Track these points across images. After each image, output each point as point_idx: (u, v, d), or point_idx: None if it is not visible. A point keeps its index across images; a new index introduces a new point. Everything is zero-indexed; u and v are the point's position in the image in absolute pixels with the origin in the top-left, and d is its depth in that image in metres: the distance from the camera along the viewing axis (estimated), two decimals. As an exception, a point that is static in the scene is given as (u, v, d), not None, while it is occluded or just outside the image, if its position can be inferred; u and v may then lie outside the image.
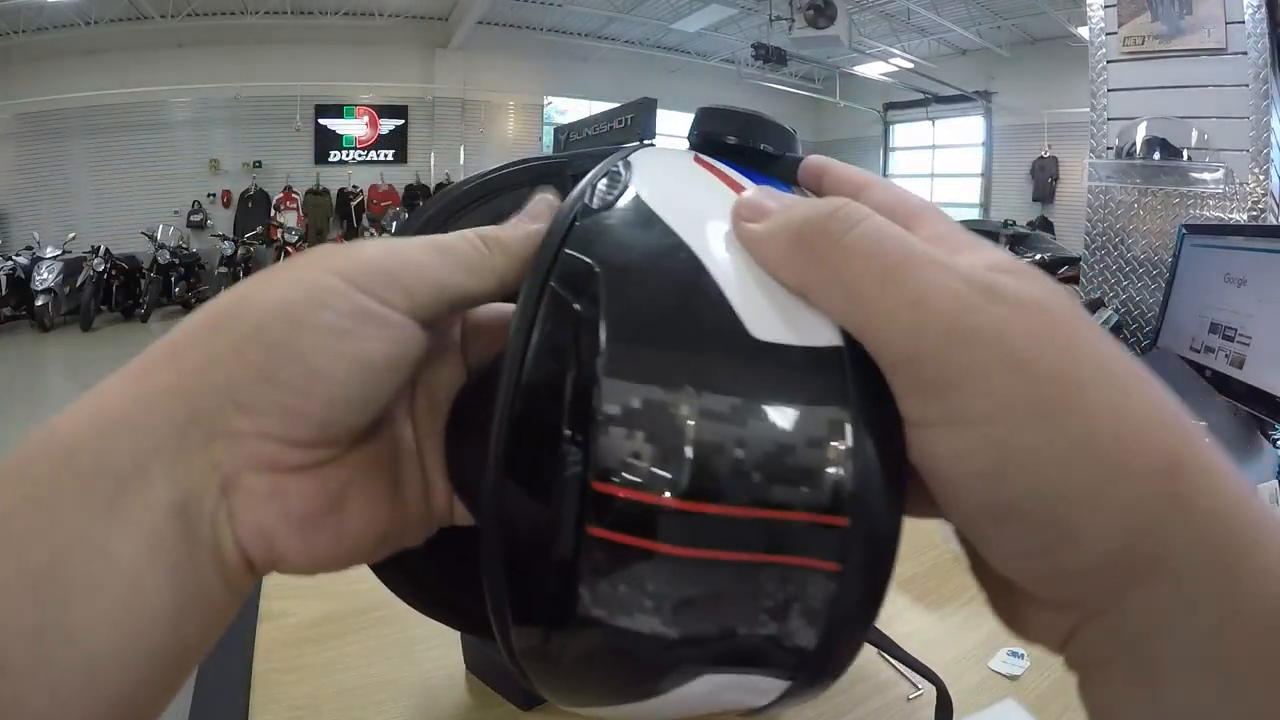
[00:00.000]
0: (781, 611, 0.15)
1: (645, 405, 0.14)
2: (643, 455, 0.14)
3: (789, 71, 9.00)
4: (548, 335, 0.16)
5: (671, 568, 0.14)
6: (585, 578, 0.15)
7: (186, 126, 7.63)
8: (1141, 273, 1.38)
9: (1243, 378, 0.92)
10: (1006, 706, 0.47)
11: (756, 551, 0.14)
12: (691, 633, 0.15)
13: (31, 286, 6.17)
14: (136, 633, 0.15)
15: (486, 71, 8.51)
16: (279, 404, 0.16)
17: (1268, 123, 1.22)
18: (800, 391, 0.15)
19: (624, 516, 0.14)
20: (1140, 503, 0.13)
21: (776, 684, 0.16)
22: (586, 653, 0.16)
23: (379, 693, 0.48)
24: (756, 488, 0.14)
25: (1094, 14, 1.43)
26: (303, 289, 0.17)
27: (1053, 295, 0.14)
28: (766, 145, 0.23)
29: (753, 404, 0.14)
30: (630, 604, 0.15)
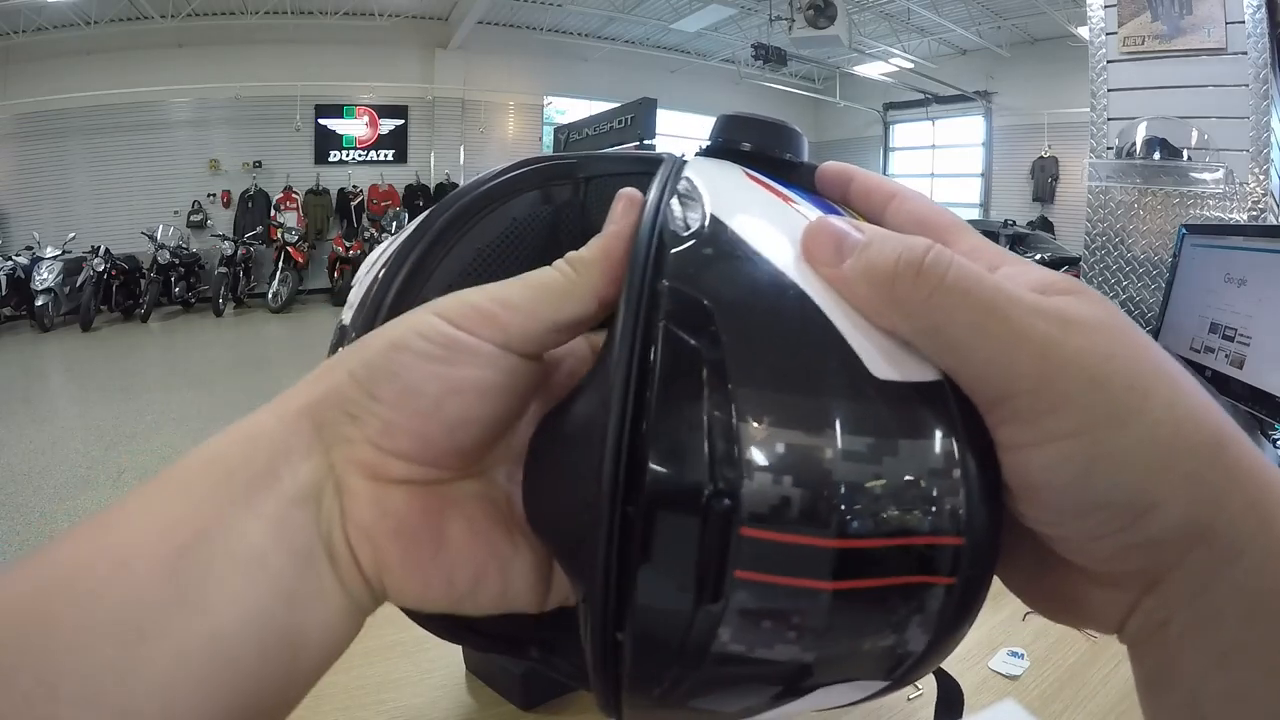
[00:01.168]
0: (903, 624, 0.16)
1: (790, 450, 0.15)
2: (793, 499, 0.15)
3: (789, 71, 9.00)
4: (668, 376, 0.16)
5: (818, 600, 0.15)
6: (727, 620, 0.15)
7: (186, 126, 7.63)
8: (1141, 273, 1.38)
9: (1243, 378, 0.92)
10: (1006, 706, 0.47)
11: (892, 576, 0.15)
12: (825, 655, 0.16)
13: (31, 286, 6.17)
14: (260, 610, 0.17)
15: (486, 71, 8.51)
16: (379, 416, 0.19)
17: (1268, 123, 1.21)
18: (921, 427, 0.16)
19: (776, 559, 0.15)
20: (1197, 473, 0.16)
21: (876, 684, 0.17)
22: (714, 684, 0.16)
23: (379, 693, 0.48)
24: (894, 519, 0.15)
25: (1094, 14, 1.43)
26: (406, 325, 0.19)
27: (1111, 312, 0.17)
28: (789, 154, 0.23)
29: (885, 441, 0.15)
30: (773, 637, 0.15)
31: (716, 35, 8.73)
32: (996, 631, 0.55)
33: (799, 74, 9.67)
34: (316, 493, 0.18)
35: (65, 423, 3.87)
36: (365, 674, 0.49)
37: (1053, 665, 0.52)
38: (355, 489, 0.19)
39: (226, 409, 4.02)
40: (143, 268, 6.91)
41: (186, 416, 3.90)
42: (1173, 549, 0.16)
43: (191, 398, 4.29)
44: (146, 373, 5.07)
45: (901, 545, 0.15)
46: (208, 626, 0.16)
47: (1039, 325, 0.16)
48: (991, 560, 0.16)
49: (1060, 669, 0.51)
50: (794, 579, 0.15)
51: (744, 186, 0.21)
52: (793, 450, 0.15)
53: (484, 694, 0.48)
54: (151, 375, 5.01)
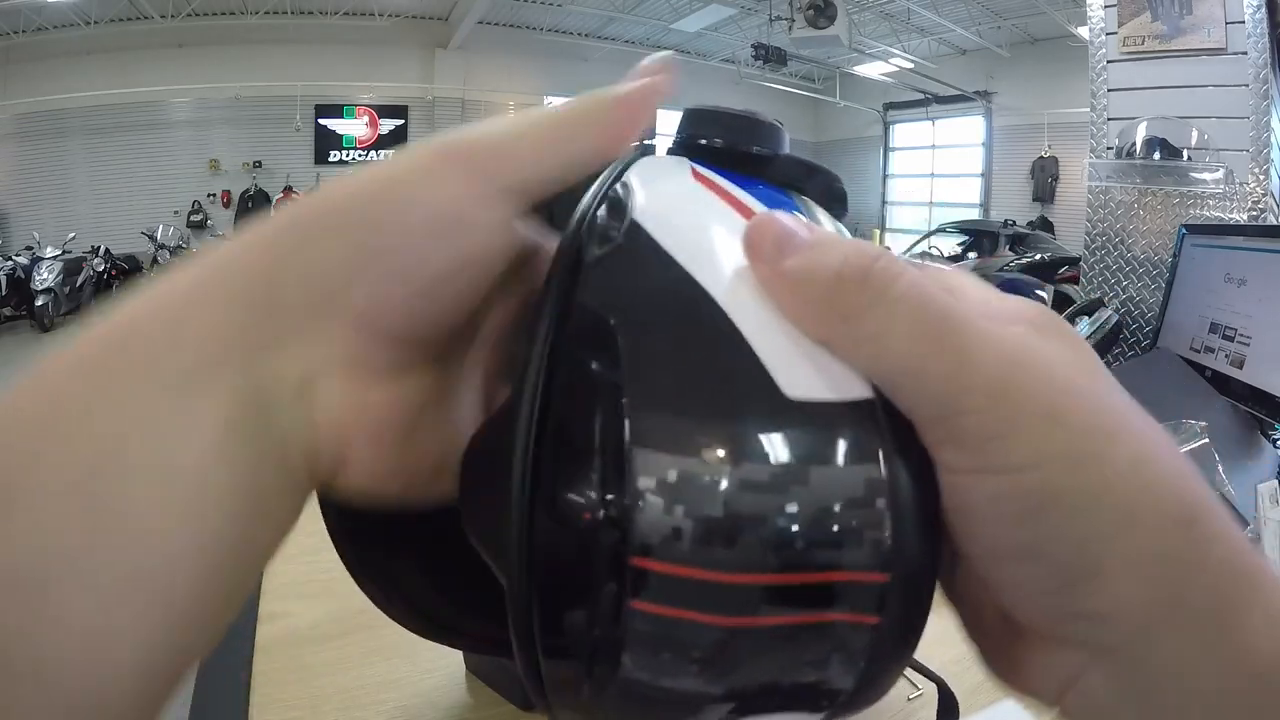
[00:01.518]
0: (822, 662, 0.15)
1: (682, 478, 0.14)
2: (683, 530, 0.14)
3: (789, 71, 9.00)
4: (565, 401, 0.15)
5: (716, 636, 0.14)
6: (629, 646, 0.14)
7: (186, 126, 7.64)
8: (1141, 273, 1.38)
9: (1243, 378, 0.92)
10: (1006, 706, 0.47)
11: (800, 613, 0.14)
12: (735, 688, 0.15)
13: (31, 286, 6.17)
14: (201, 530, 0.14)
15: (486, 71, 8.51)
16: (371, 298, 0.16)
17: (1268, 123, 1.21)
18: (838, 452, 0.14)
19: (668, 590, 0.14)
20: (1162, 548, 0.14)
21: (810, 717, 0.16)
22: (627, 708, 0.16)
23: (379, 693, 0.48)
24: (800, 554, 0.14)
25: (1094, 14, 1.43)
26: (414, 175, 0.16)
27: (1080, 350, 0.15)
28: (759, 147, 0.21)
29: (792, 469, 0.14)
30: (674, 669, 0.15)
31: (716, 35, 8.73)
32: (996, 631, 0.56)
33: (799, 74, 9.67)
34: (272, 392, 0.15)
35: (65, 423, 3.87)
36: (365, 674, 0.49)
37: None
38: (328, 385, 0.16)
39: (226, 409, 4.03)
40: (143, 268, 6.92)
41: (186, 416, 3.90)
42: (1120, 627, 0.14)
43: (191, 398, 4.29)
44: (146, 373, 5.07)
45: (811, 582, 0.14)
46: (136, 559, 0.13)
47: (997, 345, 0.14)
48: (924, 595, 0.15)
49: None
50: (689, 613, 0.14)
51: (684, 187, 0.20)
52: (685, 478, 0.14)
53: (484, 694, 0.48)
54: (151, 375, 5.01)
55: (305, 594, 0.58)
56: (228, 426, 0.14)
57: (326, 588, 0.58)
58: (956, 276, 0.17)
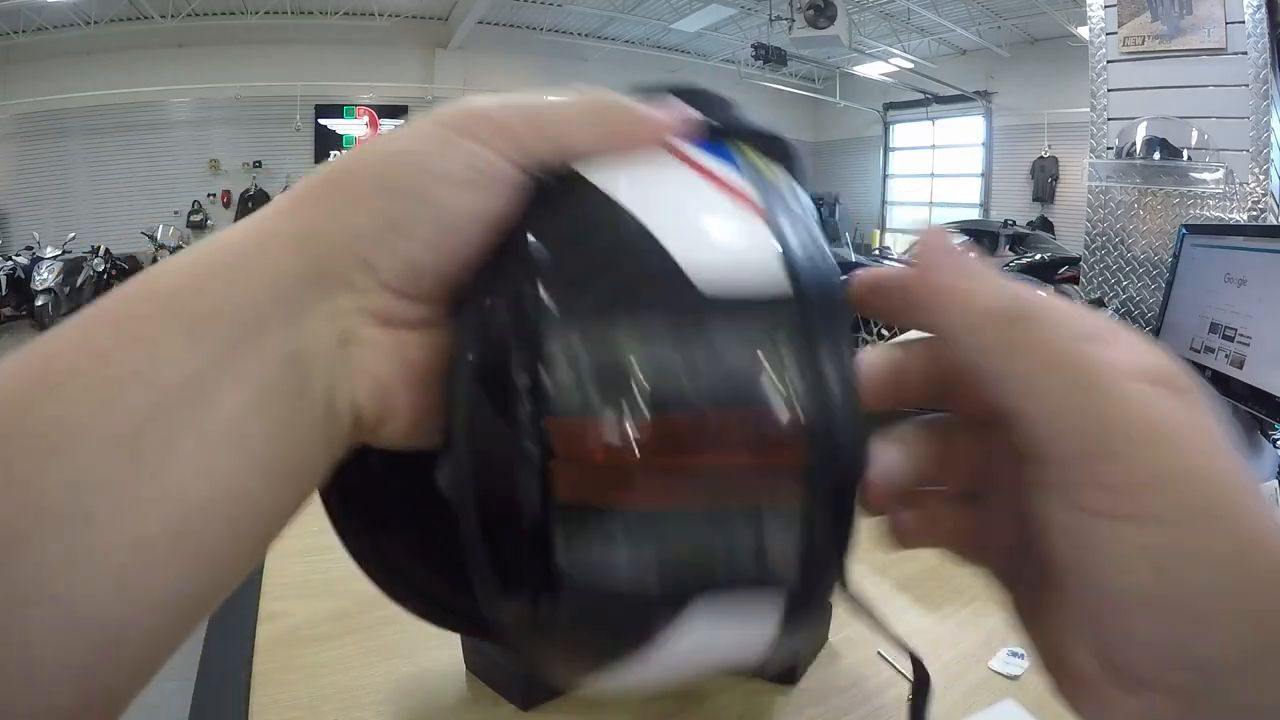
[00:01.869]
0: (755, 550, 0.15)
1: (597, 365, 0.15)
2: (591, 387, 0.15)
3: (789, 71, 9.00)
4: (498, 330, 0.16)
5: (638, 520, 0.15)
6: (559, 541, 0.15)
7: (186, 126, 7.63)
8: (1141, 273, 1.38)
9: (1243, 378, 0.92)
10: (1006, 706, 0.47)
11: (721, 496, 0.15)
12: (669, 579, 0.15)
13: (31, 286, 6.16)
14: (232, 488, 0.15)
15: (486, 71, 8.51)
16: (404, 257, 0.17)
17: (1268, 123, 1.21)
18: (755, 338, 0.15)
19: (590, 480, 0.15)
20: (1271, 604, 0.15)
21: (766, 617, 0.16)
22: (573, 613, 0.16)
23: (379, 693, 0.48)
24: (712, 434, 0.15)
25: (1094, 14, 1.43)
26: (430, 142, 0.17)
27: (1209, 415, 0.16)
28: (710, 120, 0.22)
29: (705, 353, 0.15)
30: (606, 559, 0.15)
31: (716, 35, 8.72)
32: (996, 631, 0.56)
33: (799, 74, 9.66)
34: (312, 350, 0.16)
35: (65, 423, 3.87)
36: (365, 674, 0.49)
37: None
38: (369, 339, 0.17)
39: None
40: (143, 268, 6.89)
41: (186, 416, 3.90)
42: (1219, 673, 0.15)
43: (191, 398, 4.29)
44: (146, 373, 5.07)
45: (728, 463, 0.15)
46: (171, 510, 0.14)
47: (1143, 401, 0.15)
48: (849, 481, 0.16)
49: (1060, 669, 0.51)
50: (611, 497, 0.15)
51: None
52: (598, 364, 0.15)
53: (484, 694, 0.48)
54: (151, 375, 5.01)
55: (305, 594, 0.58)
56: (265, 391, 0.15)
57: (326, 588, 0.58)
58: (1105, 323, 0.17)
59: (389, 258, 0.17)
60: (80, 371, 0.14)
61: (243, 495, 0.15)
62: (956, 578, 0.63)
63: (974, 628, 0.56)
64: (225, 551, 0.15)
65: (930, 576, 0.63)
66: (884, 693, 0.49)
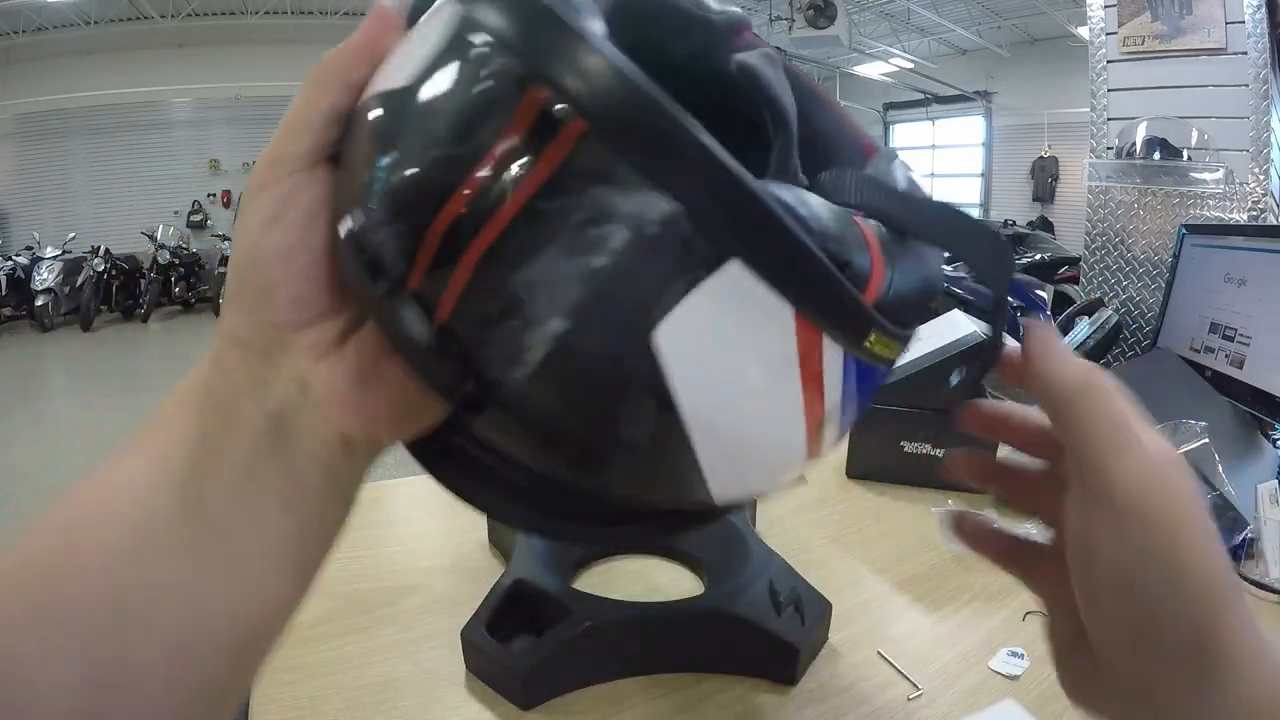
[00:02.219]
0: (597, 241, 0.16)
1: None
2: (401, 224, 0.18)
3: (789, 71, 8.98)
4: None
5: (504, 242, 0.16)
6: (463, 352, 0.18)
7: (186, 126, 7.63)
8: (1141, 273, 1.38)
9: (1243, 378, 0.92)
10: (1006, 706, 0.47)
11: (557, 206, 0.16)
12: (560, 306, 0.16)
13: (31, 286, 6.17)
14: (258, 509, 0.20)
15: (486, 71, 8.50)
16: (280, 297, 0.21)
17: (1268, 123, 1.21)
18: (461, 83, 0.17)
19: (446, 245, 0.17)
20: (1216, 608, 0.21)
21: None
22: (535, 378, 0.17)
23: (379, 693, 0.48)
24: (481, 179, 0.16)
25: (1094, 14, 1.43)
26: (241, 218, 0.21)
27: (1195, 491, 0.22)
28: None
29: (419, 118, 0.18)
30: (506, 310, 0.16)
31: (716, 35, 8.71)
32: (996, 631, 0.55)
33: (799, 74, 9.65)
34: (287, 403, 0.21)
35: (65, 423, 3.87)
36: (365, 674, 0.49)
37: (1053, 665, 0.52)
38: (318, 372, 0.21)
39: (226, 409, 4.02)
40: (143, 268, 6.91)
41: (186, 416, 3.89)
42: (1170, 660, 0.21)
43: (191, 398, 4.29)
44: (146, 373, 5.07)
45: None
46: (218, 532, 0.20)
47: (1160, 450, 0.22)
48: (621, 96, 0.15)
49: (1060, 669, 0.51)
50: (454, 264, 0.17)
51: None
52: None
53: (484, 694, 0.47)
54: (151, 375, 5.00)
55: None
56: (261, 439, 0.21)
57: (326, 588, 0.58)
58: (1141, 414, 0.24)
59: (273, 306, 0.21)
60: (129, 455, 0.21)
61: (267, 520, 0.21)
62: (956, 577, 0.63)
63: (974, 628, 0.56)
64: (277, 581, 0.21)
65: (930, 576, 0.63)
66: (884, 693, 0.49)
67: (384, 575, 0.60)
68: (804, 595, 0.52)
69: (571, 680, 0.48)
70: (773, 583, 0.51)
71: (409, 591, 0.58)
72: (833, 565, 0.65)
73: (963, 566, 0.65)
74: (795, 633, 0.49)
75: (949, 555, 0.67)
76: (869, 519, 0.74)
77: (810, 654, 0.51)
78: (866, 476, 0.82)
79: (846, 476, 0.82)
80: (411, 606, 0.57)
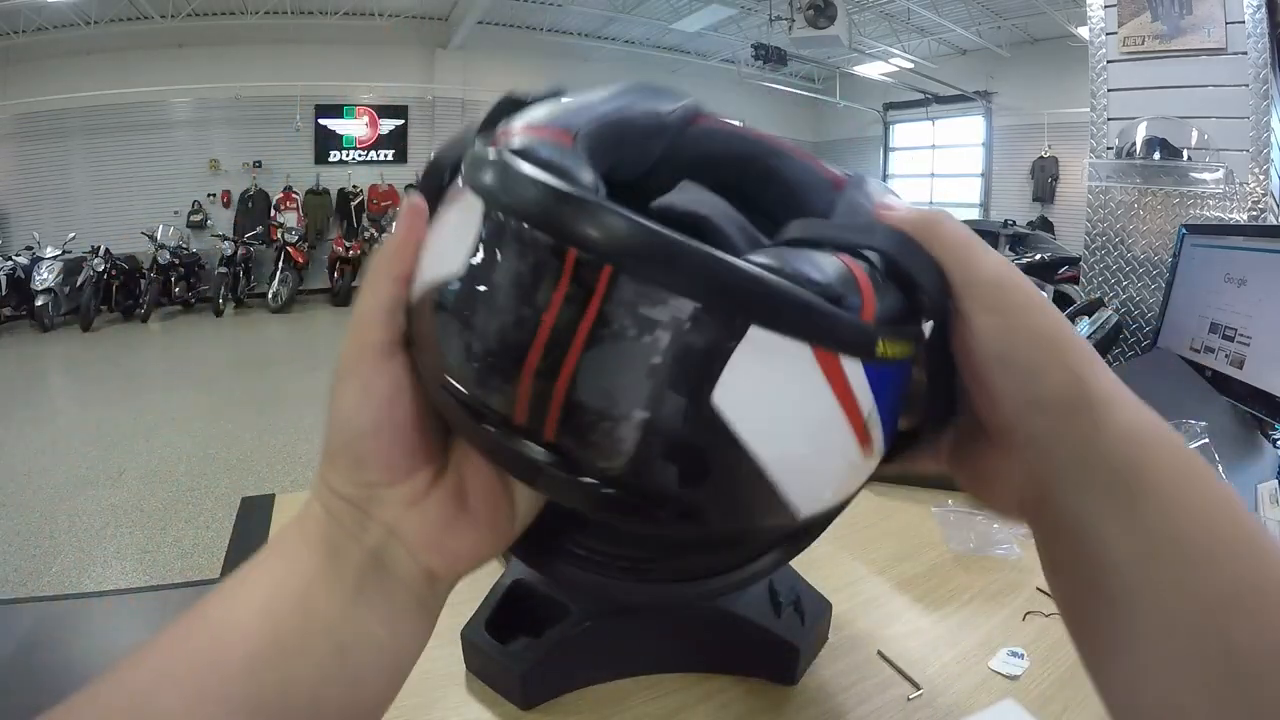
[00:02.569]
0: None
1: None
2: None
3: (789, 71, 8.99)
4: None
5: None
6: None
7: (186, 126, 7.63)
8: (1141, 273, 1.38)
9: (1243, 378, 0.92)
10: (1006, 706, 0.47)
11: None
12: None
13: (31, 286, 6.17)
14: (364, 626, 0.25)
15: (486, 71, 8.50)
16: (372, 464, 0.25)
17: (1268, 123, 1.21)
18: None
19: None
20: (1081, 361, 0.25)
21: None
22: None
23: (379, 693, 0.48)
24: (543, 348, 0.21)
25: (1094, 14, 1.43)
26: (336, 398, 0.26)
27: (1028, 280, 0.26)
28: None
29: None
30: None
31: (716, 35, 8.72)
32: (996, 631, 0.55)
33: (799, 74, 9.66)
34: (383, 547, 0.25)
35: (65, 423, 3.87)
36: (365, 674, 0.49)
37: (1053, 665, 0.52)
38: (405, 520, 0.25)
39: (227, 409, 4.02)
40: (143, 268, 6.91)
41: (186, 416, 3.89)
42: (1053, 412, 0.25)
43: (191, 398, 4.29)
44: (146, 373, 5.07)
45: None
46: (333, 643, 0.24)
47: (1004, 269, 0.26)
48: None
49: (1060, 669, 0.51)
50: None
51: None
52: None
53: (484, 694, 0.47)
54: (151, 375, 5.01)
55: (305, 594, 0.57)
56: (363, 578, 0.25)
57: (326, 588, 0.58)
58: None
59: (367, 469, 0.25)
60: (237, 598, 0.25)
61: (369, 639, 0.25)
62: (956, 577, 0.63)
63: (974, 628, 0.56)
64: (363, 678, 0.25)
65: (930, 576, 0.63)
66: (884, 693, 0.49)
67: (384, 575, 0.60)
68: (804, 595, 0.52)
69: (571, 680, 0.48)
70: (773, 583, 0.51)
71: (409, 591, 0.58)
72: (833, 565, 0.64)
73: (963, 566, 0.65)
74: (795, 633, 0.49)
75: (949, 555, 0.67)
76: (869, 519, 0.74)
77: (810, 654, 0.51)
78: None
79: (846, 476, 0.82)
80: (411, 606, 0.56)
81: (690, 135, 0.30)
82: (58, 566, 2.32)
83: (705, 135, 0.30)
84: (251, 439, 3.53)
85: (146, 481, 2.99)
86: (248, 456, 3.31)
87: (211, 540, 2.48)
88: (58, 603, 0.78)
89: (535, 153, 0.22)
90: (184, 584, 2.25)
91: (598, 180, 0.22)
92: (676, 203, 0.24)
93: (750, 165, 0.31)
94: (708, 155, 0.30)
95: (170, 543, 2.48)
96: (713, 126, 0.31)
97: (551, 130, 0.24)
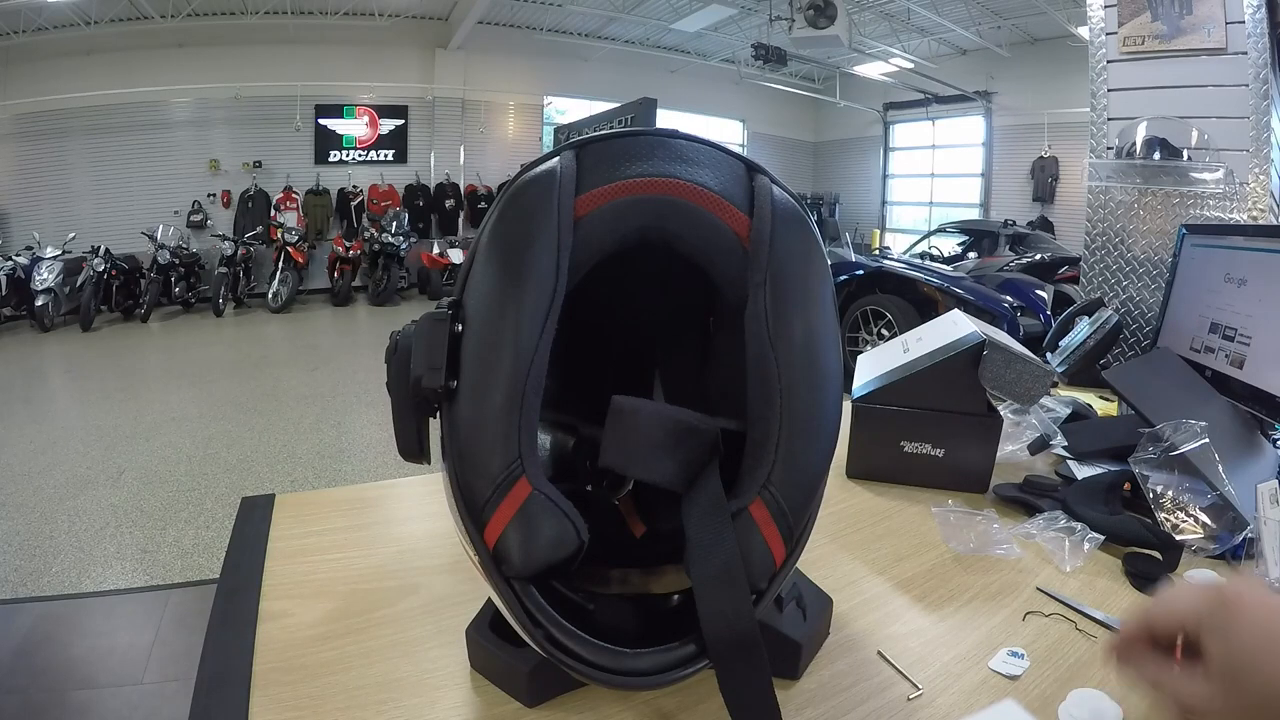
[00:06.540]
0: None
1: None
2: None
3: (789, 71, 9.00)
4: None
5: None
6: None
7: (186, 126, 7.63)
8: (1141, 273, 1.38)
9: (1243, 378, 0.92)
10: (1006, 706, 0.47)
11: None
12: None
13: (31, 286, 6.17)
14: None
15: (486, 71, 8.50)
16: None
17: (1268, 123, 1.21)
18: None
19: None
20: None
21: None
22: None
23: (380, 692, 0.48)
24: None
25: (1094, 14, 1.43)
26: None
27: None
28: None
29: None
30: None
31: (716, 35, 8.72)
32: (996, 631, 0.56)
33: (799, 74, 9.66)
34: None
35: (65, 423, 3.87)
36: (365, 674, 0.49)
37: (1053, 665, 0.52)
38: None
39: (226, 409, 4.02)
40: (143, 268, 6.91)
41: (186, 416, 3.89)
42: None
43: (191, 398, 4.29)
44: (146, 373, 5.07)
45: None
46: None
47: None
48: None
49: (1060, 669, 0.51)
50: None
51: None
52: None
53: (485, 693, 0.48)
54: (151, 375, 5.00)
55: (305, 594, 0.58)
56: None
57: (326, 588, 0.58)
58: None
59: None
60: None
61: None
62: (956, 577, 0.63)
63: (974, 628, 0.56)
64: None
65: (930, 576, 0.63)
66: (884, 693, 0.49)
67: (384, 575, 0.61)
68: (805, 591, 0.52)
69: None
70: (773, 582, 0.51)
71: (409, 591, 0.59)
72: (833, 565, 0.65)
73: (963, 566, 0.65)
74: (797, 628, 0.49)
75: (949, 555, 0.67)
76: (869, 519, 0.74)
77: (812, 649, 0.51)
78: (866, 476, 0.82)
79: (846, 476, 0.82)
80: (412, 606, 0.57)
81: (581, 235, 0.35)
82: (58, 566, 2.31)
83: (596, 221, 0.36)
84: (251, 439, 3.53)
85: (146, 482, 2.99)
86: (248, 456, 3.31)
87: (211, 540, 2.47)
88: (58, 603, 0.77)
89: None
90: (184, 584, 2.26)
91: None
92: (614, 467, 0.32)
93: (648, 234, 0.36)
94: (605, 249, 0.36)
95: (170, 543, 2.47)
96: (592, 211, 0.36)
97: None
